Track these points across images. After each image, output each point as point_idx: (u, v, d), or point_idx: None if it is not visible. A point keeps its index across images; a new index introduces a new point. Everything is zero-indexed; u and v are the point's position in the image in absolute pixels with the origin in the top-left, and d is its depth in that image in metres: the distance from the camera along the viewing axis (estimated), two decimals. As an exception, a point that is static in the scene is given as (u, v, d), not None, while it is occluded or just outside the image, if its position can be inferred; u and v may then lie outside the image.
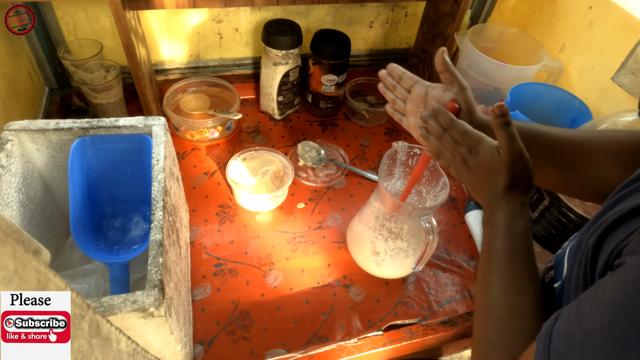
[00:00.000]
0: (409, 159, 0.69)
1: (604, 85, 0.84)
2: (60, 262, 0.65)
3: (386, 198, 0.63)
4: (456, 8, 0.88)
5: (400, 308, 0.72)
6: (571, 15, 0.90)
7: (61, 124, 0.58)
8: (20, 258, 0.24)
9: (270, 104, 0.99)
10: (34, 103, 0.88)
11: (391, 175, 0.73)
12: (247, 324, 0.67)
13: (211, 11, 0.95)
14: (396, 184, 0.74)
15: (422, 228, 0.62)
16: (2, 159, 0.53)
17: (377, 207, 0.67)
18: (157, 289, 0.44)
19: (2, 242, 0.22)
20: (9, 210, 0.54)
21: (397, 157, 0.69)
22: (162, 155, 0.57)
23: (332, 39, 0.93)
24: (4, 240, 0.23)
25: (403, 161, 0.70)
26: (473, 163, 0.47)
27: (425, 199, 0.71)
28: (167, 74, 1.02)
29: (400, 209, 0.63)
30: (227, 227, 0.80)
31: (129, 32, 0.75)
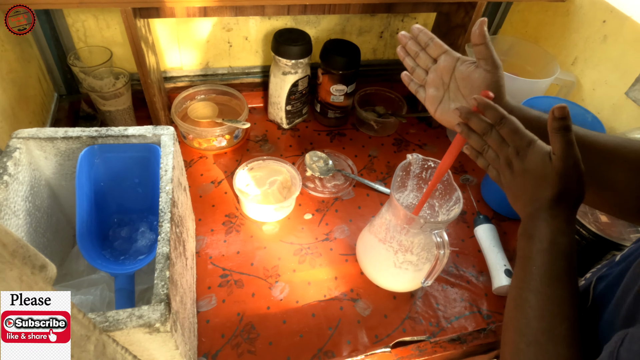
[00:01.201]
0: (423, 172, 0.68)
1: (617, 100, 0.82)
2: (66, 271, 0.64)
3: (398, 210, 0.62)
4: (467, 20, 0.88)
5: (408, 323, 0.70)
6: (584, 28, 0.89)
7: (70, 132, 0.58)
8: (26, 281, 0.23)
9: (279, 113, 0.98)
10: (42, 109, 0.88)
11: (404, 187, 0.72)
12: (253, 337, 0.66)
13: (221, 20, 0.95)
14: (409, 196, 0.73)
15: (432, 242, 0.61)
16: (10, 168, 0.53)
17: (388, 219, 0.66)
18: (163, 303, 0.43)
19: (9, 265, 0.22)
20: (16, 220, 0.53)
21: (411, 169, 0.69)
22: (170, 165, 0.56)
23: (341, 49, 0.92)
24: (10, 263, 0.22)
25: (417, 174, 0.69)
26: (519, 167, 0.43)
27: (438, 212, 0.70)
28: (176, 81, 1.02)
29: (412, 222, 0.62)
30: (234, 237, 0.79)
31: (139, 40, 0.75)
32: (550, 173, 0.40)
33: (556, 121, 0.39)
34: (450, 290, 0.76)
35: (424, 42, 0.53)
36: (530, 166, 0.42)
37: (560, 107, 0.38)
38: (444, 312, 0.72)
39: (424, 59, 0.54)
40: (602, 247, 0.67)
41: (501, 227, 0.85)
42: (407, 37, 0.54)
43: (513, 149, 0.43)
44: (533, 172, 0.41)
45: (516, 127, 0.43)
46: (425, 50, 0.54)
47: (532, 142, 0.42)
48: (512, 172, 0.44)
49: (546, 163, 0.40)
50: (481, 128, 0.45)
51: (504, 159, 0.44)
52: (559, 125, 0.38)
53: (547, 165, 0.40)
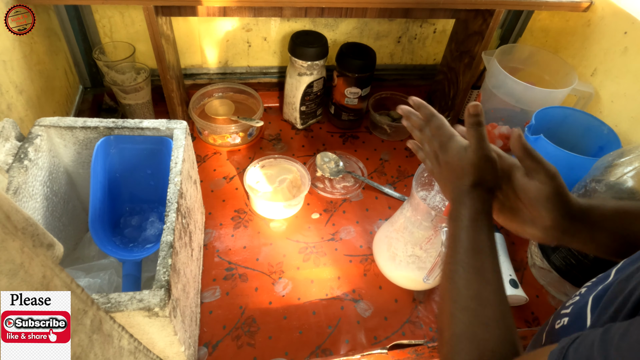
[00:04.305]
0: None
1: (637, 114, 0.81)
2: (78, 255, 0.67)
3: (414, 199, 0.65)
4: (485, 27, 0.87)
5: (408, 327, 0.71)
6: (605, 39, 0.87)
7: (88, 122, 0.61)
8: (27, 252, 0.25)
9: (293, 113, 1.00)
10: (67, 100, 0.92)
11: (431, 186, 0.73)
12: (253, 330, 0.68)
13: (241, 20, 0.97)
14: (435, 197, 0.74)
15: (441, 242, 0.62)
16: (30, 153, 0.56)
17: (406, 209, 0.69)
18: (163, 289, 0.45)
19: (11, 236, 0.23)
20: (33, 202, 0.56)
21: None
22: (180, 158, 0.58)
23: (357, 52, 0.93)
24: (13, 234, 0.24)
25: None
26: (442, 159, 0.48)
27: None
28: (195, 78, 1.05)
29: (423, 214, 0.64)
30: (241, 232, 0.81)
31: (159, 37, 0.78)
32: (466, 164, 0.45)
33: (470, 117, 0.44)
34: (453, 297, 0.75)
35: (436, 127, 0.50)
36: (450, 158, 0.47)
37: (473, 105, 0.44)
38: (445, 318, 0.72)
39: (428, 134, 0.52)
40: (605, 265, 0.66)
41: (509, 237, 0.84)
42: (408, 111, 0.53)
43: (438, 143, 0.49)
44: (452, 163, 0.47)
45: (441, 124, 0.49)
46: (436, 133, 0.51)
47: (452, 137, 0.48)
48: (439, 163, 0.49)
49: (462, 155, 0.46)
50: (417, 125, 0.51)
51: (432, 152, 0.50)
52: (473, 121, 0.44)
53: (463, 157, 0.45)
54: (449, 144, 0.48)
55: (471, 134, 0.45)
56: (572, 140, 0.82)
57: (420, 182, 0.71)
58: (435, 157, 0.50)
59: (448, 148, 0.47)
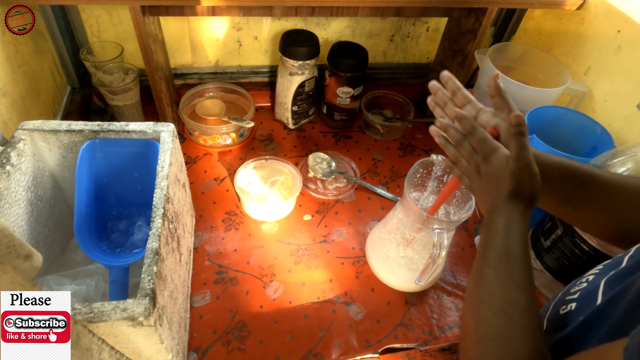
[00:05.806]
0: (445, 175, 0.69)
1: (630, 113, 0.80)
2: (64, 260, 0.66)
3: (406, 200, 0.64)
4: (478, 25, 0.87)
5: (401, 330, 0.70)
6: (599, 37, 0.86)
7: (73, 125, 0.59)
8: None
9: (285, 113, 0.99)
10: (54, 101, 0.90)
11: (423, 187, 0.72)
12: (244, 335, 0.67)
13: (232, 19, 0.96)
14: (428, 198, 0.73)
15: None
16: (12, 158, 0.54)
17: (398, 210, 0.69)
18: (148, 298, 0.44)
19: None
20: (16, 209, 0.55)
21: (433, 170, 0.69)
22: (167, 162, 0.57)
23: (349, 51, 0.92)
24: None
25: (438, 176, 0.70)
26: (484, 171, 0.47)
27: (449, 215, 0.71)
28: (185, 78, 1.04)
29: (415, 216, 0.63)
30: (232, 235, 0.80)
31: (147, 37, 0.76)
32: (505, 173, 0.44)
33: (512, 127, 0.44)
34: (446, 299, 0.75)
35: (452, 90, 0.54)
36: (492, 169, 0.46)
37: (516, 116, 0.44)
38: (438, 320, 0.72)
39: (450, 108, 0.55)
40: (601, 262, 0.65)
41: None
42: (437, 87, 0.55)
43: (481, 156, 0.48)
44: (494, 174, 0.46)
45: (484, 136, 0.48)
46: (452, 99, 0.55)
47: (497, 149, 0.46)
48: (480, 176, 0.48)
49: (503, 165, 0.45)
50: (456, 139, 0.50)
51: (474, 166, 0.49)
52: (515, 131, 0.44)
53: (505, 167, 0.45)
54: (493, 155, 0.46)
55: (513, 143, 0.44)
56: (565, 139, 0.82)
57: (413, 183, 0.71)
58: (476, 171, 0.49)
59: (492, 159, 0.46)
